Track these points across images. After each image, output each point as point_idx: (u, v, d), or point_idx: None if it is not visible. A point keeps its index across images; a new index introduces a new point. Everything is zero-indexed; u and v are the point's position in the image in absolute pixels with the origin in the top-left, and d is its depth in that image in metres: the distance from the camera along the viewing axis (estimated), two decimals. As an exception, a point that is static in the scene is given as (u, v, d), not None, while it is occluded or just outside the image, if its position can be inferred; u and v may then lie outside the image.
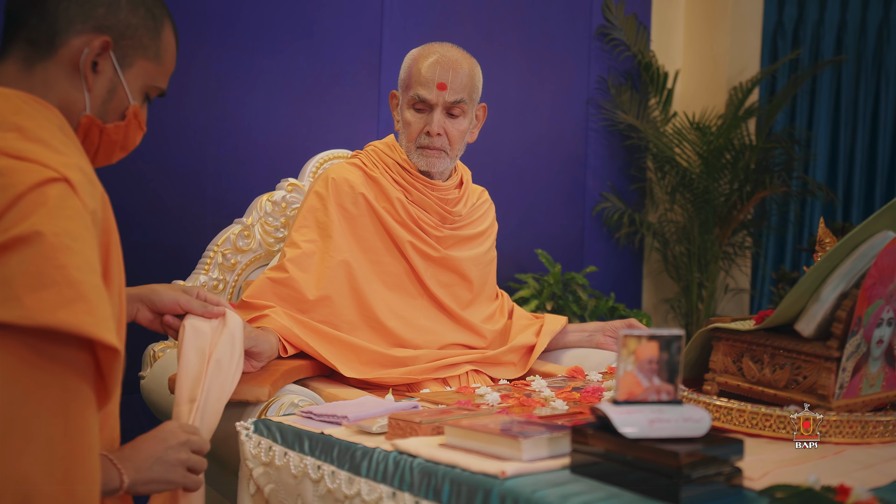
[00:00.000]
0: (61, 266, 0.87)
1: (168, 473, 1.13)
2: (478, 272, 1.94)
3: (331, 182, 1.81)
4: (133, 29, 1.10)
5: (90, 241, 0.93)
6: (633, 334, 1.01)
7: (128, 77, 1.11)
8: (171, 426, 1.19)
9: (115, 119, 1.11)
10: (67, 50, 1.06)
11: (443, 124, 1.80)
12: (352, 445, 1.20)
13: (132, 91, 1.12)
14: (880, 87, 4.08)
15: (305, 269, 1.74)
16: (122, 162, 2.45)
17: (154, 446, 1.14)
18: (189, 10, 2.52)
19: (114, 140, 1.13)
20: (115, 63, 1.09)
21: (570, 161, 3.73)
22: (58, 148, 0.97)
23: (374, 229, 1.81)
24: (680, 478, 0.93)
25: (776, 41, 4.18)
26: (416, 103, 1.81)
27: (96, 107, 1.09)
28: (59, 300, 0.86)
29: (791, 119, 4.18)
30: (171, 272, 2.03)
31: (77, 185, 0.94)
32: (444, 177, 1.91)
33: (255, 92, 2.69)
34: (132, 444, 1.14)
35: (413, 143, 1.83)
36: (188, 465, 1.16)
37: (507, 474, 1.00)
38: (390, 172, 1.85)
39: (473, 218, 1.96)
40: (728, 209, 3.79)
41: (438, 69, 1.79)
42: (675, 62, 4.11)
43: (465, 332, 1.89)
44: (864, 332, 1.23)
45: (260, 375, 1.52)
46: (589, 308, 3.39)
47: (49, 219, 0.89)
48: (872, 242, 1.25)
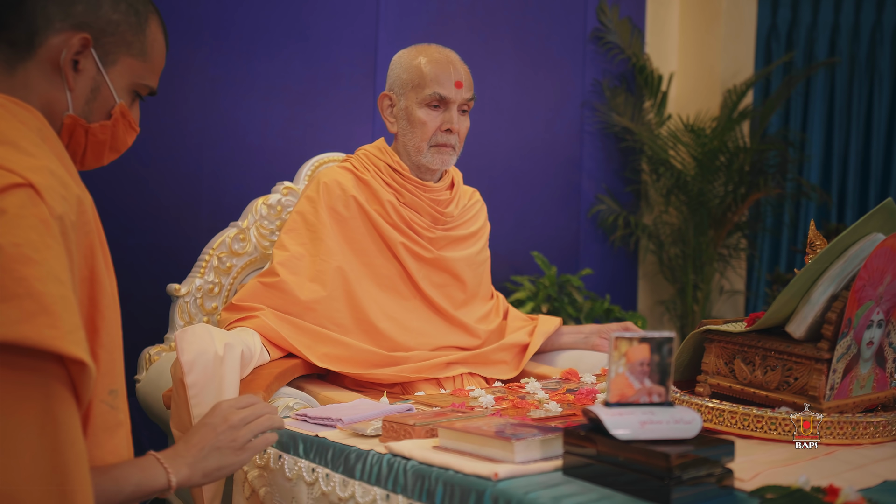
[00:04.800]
0: (21, 278, 0.83)
1: (224, 459, 1.11)
2: (471, 272, 1.95)
3: (322, 186, 1.82)
4: (115, 25, 1.06)
5: (56, 249, 0.88)
6: (624, 336, 1.02)
7: (112, 75, 1.08)
8: (221, 408, 1.16)
9: (100, 118, 1.08)
10: (46, 49, 1.03)
11: (457, 121, 1.83)
12: (346, 448, 1.21)
13: (117, 89, 1.08)
14: (874, 89, 4.10)
15: (296, 273, 1.75)
16: (118, 165, 2.45)
17: (204, 437, 1.12)
18: (185, 14, 2.53)
19: (101, 140, 1.10)
20: (98, 61, 1.06)
21: (565, 163, 3.74)
22: (28, 150, 0.93)
23: (365, 231, 1.82)
24: (671, 479, 0.93)
25: (770, 44, 4.20)
26: (434, 101, 1.81)
27: (80, 106, 1.06)
28: (19, 314, 0.83)
29: (785, 121, 4.19)
30: (167, 275, 2.03)
31: (43, 189, 0.89)
32: (436, 178, 1.92)
33: (251, 95, 2.70)
34: (184, 439, 1.12)
35: (427, 142, 1.83)
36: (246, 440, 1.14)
37: (499, 476, 1.01)
38: (381, 175, 1.86)
39: (465, 218, 1.97)
40: (723, 211, 3.80)
41: (452, 68, 1.82)
42: (670, 65, 4.13)
43: (459, 332, 1.89)
44: (855, 334, 1.24)
45: (253, 382, 1.52)
46: (584, 310, 3.40)
47: (8, 229, 0.84)
48: (862, 245, 1.26)
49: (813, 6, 4.16)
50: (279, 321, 1.69)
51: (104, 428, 0.97)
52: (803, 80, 4.03)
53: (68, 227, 0.91)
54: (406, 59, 1.86)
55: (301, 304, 1.72)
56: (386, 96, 1.88)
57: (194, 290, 1.90)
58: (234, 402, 1.18)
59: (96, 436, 0.96)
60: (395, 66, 1.88)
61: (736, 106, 3.80)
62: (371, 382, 1.75)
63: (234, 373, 1.45)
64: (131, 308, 1.89)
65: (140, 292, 2.34)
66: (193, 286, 1.90)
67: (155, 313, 2.21)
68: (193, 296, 1.89)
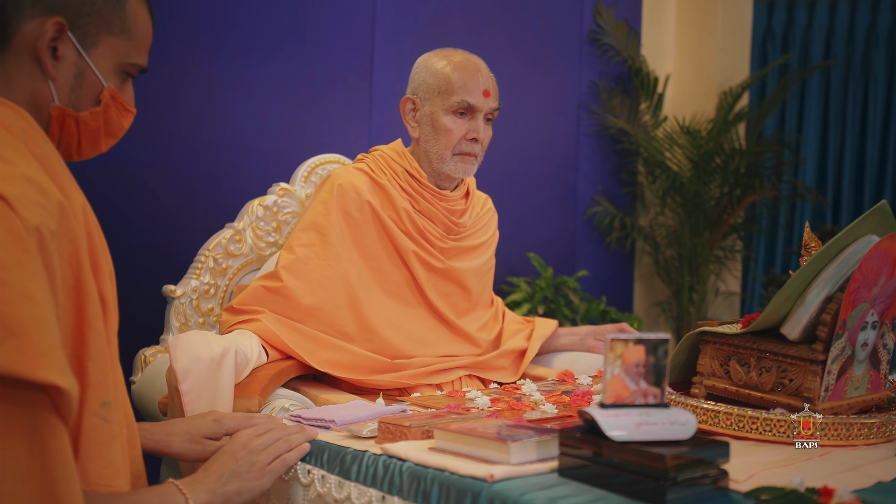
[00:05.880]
0: None
1: (244, 484, 1.11)
2: (477, 282, 1.93)
3: (336, 188, 1.78)
4: (90, 4, 0.99)
5: (29, 264, 0.82)
6: (620, 338, 1.02)
7: (94, 58, 1.01)
8: (240, 436, 1.16)
9: (89, 105, 1.02)
10: (21, 39, 0.96)
11: (482, 130, 1.81)
12: (342, 449, 1.21)
13: (103, 72, 1.02)
14: (868, 91, 4.11)
15: (300, 277, 1.73)
16: (114, 165, 2.44)
17: (224, 464, 1.12)
18: (181, 15, 2.53)
19: (94, 128, 1.04)
20: (77, 45, 0.99)
21: (561, 165, 3.75)
22: (4, 156, 0.88)
23: (377, 237, 1.79)
24: (666, 480, 0.93)
25: (765, 46, 4.21)
26: (461, 109, 1.78)
27: (65, 95, 1.00)
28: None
29: (780, 123, 4.21)
30: (163, 277, 2.03)
31: (14, 199, 0.83)
32: (452, 186, 1.89)
33: (248, 96, 2.70)
34: (204, 467, 1.12)
35: (451, 150, 1.80)
36: (267, 462, 1.14)
37: (495, 477, 1.01)
38: (398, 180, 1.82)
39: (477, 228, 1.95)
40: (718, 213, 3.81)
41: (481, 76, 1.79)
42: (666, 67, 4.14)
43: (462, 341, 1.89)
44: (849, 336, 1.24)
45: (249, 386, 1.52)
46: (580, 311, 3.40)
47: None
48: (857, 246, 1.26)
49: (808, 9, 4.17)
50: (280, 325, 1.68)
51: (98, 441, 0.94)
52: (799, 82, 4.04)
53: (47, 237, 0.86)
54: (433, 64, 1.82)
55: (303, 311, 1.71)
56: (409, 100, 1.84)
57: (190, 292, 1.89)
58: (253, 431, 1.19)
59: (89, 450, 0.93)
60: (420, 70, 1.83)
61: (732, 108, 3.81)
62: (370, 387, 1.75)
63: (229, 378, 1.44)
64: (127, 309, 1.89)
65: (136, 293, 2.34)
66: (189, 287, 1.90)
67: (150, 314, 2.20)
68: (189, 297, 1.89)
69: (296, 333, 1.69)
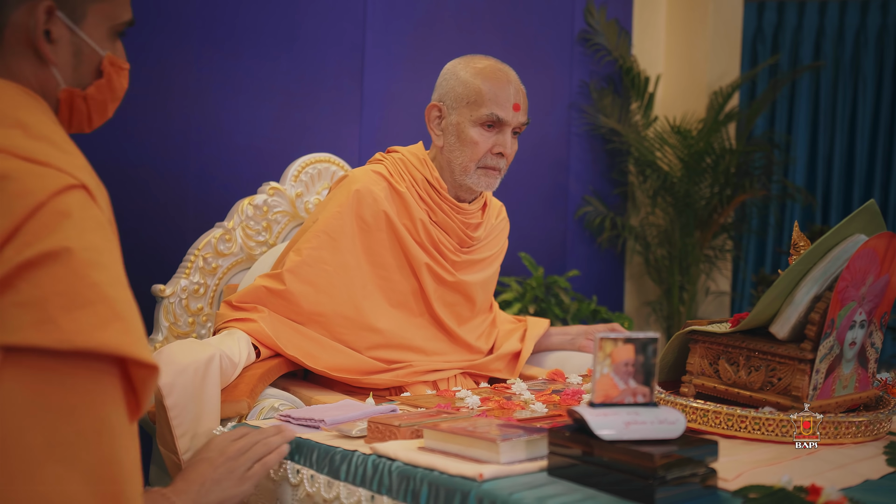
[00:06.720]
0: (94, 284, 0.81)
1: (226, 491, 1.11)
2: (482, 293, 1.92)
3: (353, 194, 1.73)
4: None
5: (115, 252, 0.86)
6: (609, 337, 1.02)
7: (87, 30, 0.99)
8: (216, 442, 1.15)
9: (92, 78, 1.01)
10: (13, 30, 0.94)
11: (510, 145, 1.77)
12: (331, 449, 1.20)
13: (98, 42, 1.00)
14: (858, 92, 4.14)
15: (305, 281, 1.69)
16: (102, 164, 2.44)
17: (203, 472, 1.11)
18: (171, 13, 2.52)
19: (102, 99, 1.03)
20: (68, 23, 0.96)
21: (552, 165, 3.75)
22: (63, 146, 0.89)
23: (389, 246, 1.75)
24: (655, 479, 0.94)
25: (756, 47, 4.23)
26: (489, 122, 1.74)
27: (69, 77, 0.99)
28: (95, 321, 0.80)
29: (770, 123, 4.23)
30: (152, 276, 2.02)
31: (93, 190, 0.87)
32: (471, 198, 1.86)
33: (238, 95, 2.69)
34: (181, 475, 1.10)
35: (475, 163, 1.75)
36: (246, 467, 1.13)
37: (484, 477, 1.01)
38: (417, 188, 1.78)
39: (489, 239, 1.92)
40: (709, 212, 3.82)
41: (513, 89, 1.75)
42: (656, 67, 4.15)
43: (461, 350, 1.88)
44: (838, 335, 1.24)
45: (236, 388, 1.51)
46: (571, 311, 3.41)
47: (76, 232, 0.81)
48: (845, 246, 1.27)
49: (798, 10, 4.19)
50: (278, 325, 1.67)
51: None
52: (789, 82, 4.06)
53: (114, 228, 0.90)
54: (462, 72, 1.76)
55: (304, 315, 1.69)
56: (435, 107, 1.79)
57: (179, 291, 1.89)
58: (227, 435, 1.18)
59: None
60: (448, 78, 1.78)
61: (722, 108, 3.82)
62: (365, 387, 1.74)
63: (214, 387, 1.43)
64: (116, 309, 1.88)
65: (125, 293, 2.32)
66: (178, 287, 1.89)
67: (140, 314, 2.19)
68: (178, 296, 1.88)
69: (295, 334, 1.68)
